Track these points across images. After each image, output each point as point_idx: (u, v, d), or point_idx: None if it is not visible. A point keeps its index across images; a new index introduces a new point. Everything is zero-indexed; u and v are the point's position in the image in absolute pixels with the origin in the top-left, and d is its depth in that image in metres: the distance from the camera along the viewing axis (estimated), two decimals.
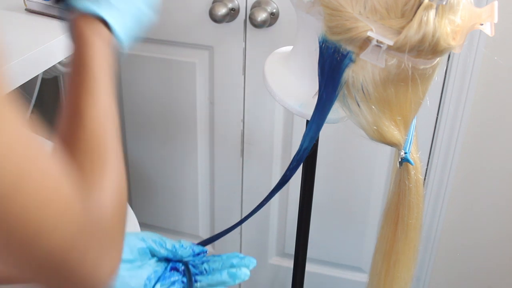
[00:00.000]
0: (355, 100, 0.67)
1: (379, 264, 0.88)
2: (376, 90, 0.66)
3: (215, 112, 1.42)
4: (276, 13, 1.26)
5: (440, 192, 1.39)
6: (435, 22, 0.61)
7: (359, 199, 1.44)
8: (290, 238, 1.52)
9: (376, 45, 0.62)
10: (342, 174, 1.42)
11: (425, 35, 0.61)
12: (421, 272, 1.50)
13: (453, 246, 1.46)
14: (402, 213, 0.79)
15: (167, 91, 1.44)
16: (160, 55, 1.40)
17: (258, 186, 1.49)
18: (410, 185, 0.77)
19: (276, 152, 1.43)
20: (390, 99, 0.67)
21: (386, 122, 0.69)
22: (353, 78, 0.66)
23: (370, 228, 1.45)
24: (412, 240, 0.82)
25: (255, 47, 1.31)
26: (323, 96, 0.70)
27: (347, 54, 0.65)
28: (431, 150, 1.35)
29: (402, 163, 0.75)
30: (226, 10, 1.24)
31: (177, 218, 1.63)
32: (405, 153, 0.74)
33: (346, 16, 0.63)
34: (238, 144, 1.45)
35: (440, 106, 1.29)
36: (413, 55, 0.63)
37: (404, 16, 0.61)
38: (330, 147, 1.35)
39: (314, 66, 0.70)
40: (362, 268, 1.53)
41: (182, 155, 1.52)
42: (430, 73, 0.67)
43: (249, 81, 1.36)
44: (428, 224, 1.43)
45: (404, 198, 0.78)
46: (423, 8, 0.60)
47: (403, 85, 0.66)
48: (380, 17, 0.62)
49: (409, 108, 0.69)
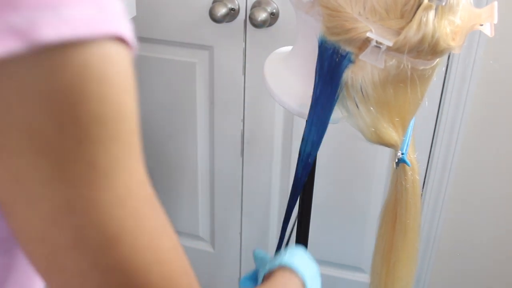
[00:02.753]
0: (354, 101, 0.67)
1: (379, 265, 0.88)
2: (375, 91, 0.66)
3: (215, 112, 1.42)
4: (276, 13, 1.26)
5: (440, 192, 1.39)
6: (434, 23, 0.61)
7: (359, 199, 1.44)
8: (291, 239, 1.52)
9: (375, 46, 0.62)
10: (342, 174, 1.42)
11: (425, 36, 0.61)
12: (421, 272, 1.50)
13: (453, 246, 1.46)
14: (399, 213, 0.79)
15: (167, 91, 1.44)
16: (160, 55, 1.40)
17: (258, 186, 1.49)
18: (407, 186, 0.77)
19: (276, 152, 1.43)
20: (389, 100, 0.67)
21: (384, 124, 0.69)
22: (352, 79, 0.66)
23: (370, 228, 1.45)
24: (411, 240, 0.82)
25: (255, 47, 1.31)
26: (320, 98, 0.69)
27: (346, 55, 0.65)
28: (431, 150, 1.35)
29: (399, 164, 0.75)
30: (226, 10, 1.24)
31: (176, 218, 1.63)
32: (402, 154, 0.73)
33: (345, 16, 0.63)
34: (238, 144, 1.45)
35: (440, 106, 1.29)
36: (412, 55, 0.63)
37: (403, 16, 0.61)
38: (330, 147, 1.35)
39: (314, 66, 0.70)
40: (362, 268, 1.53)
41: (182, 155, 1.52)
42: (430, 74, 0.67)
43: (249, 81, 1.36)
44: (428, 224, 1.43)
45: (401, 199, 0.78)
46: (423, 9, 0.60)
47: (402, 86, 0.66)
48: (379, 17, 0.62)
49: (408, 109, 0.69)
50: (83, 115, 0.31)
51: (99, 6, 0.31)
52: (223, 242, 1.63)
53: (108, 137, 0.33)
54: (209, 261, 1.66)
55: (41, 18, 0.29)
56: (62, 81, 0.30)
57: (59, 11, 0.29)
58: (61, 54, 0.30)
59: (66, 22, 0.29)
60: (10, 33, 0.28)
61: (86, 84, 0.31)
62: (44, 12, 0.29)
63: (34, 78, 0.30)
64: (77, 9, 0.30)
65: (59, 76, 0.30)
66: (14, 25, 0.28)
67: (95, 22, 0.31)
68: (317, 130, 0.72)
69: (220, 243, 1.63)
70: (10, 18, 0.28)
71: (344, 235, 1.50)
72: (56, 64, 0.30)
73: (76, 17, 0.30)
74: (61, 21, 0.29)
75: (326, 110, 0.70)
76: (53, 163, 0.32)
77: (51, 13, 0.29)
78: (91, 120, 0.32)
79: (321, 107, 0.70)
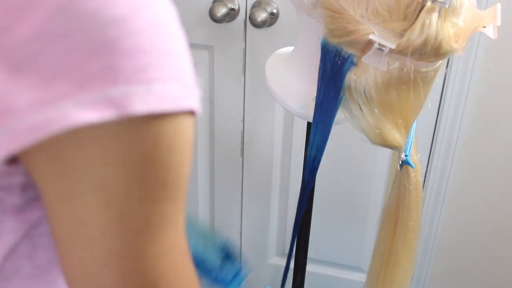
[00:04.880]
0: (357, 104, 0.67)
1: (377, 265, 0.88)
2: (378, 93, 0.66)
3: (215, 112, 1.42)
4: (276, 13, 1.25)
5: (440, 192, 1.39)
6: (437, 25, 0.61)
7: (359, 199, 1.44)
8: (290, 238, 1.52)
9: (378, 48, 0.62)
10: (342, 174, 1.42)
11: (428, 38, 0.61)
12: (421, 272, 1.50)
13: (453, 246, 1.46)
14: (401, 215, 0.79)
15: None
16: None
17: (258, 186, 1.49)
18: (410, 187, 0.76)
19: (276, 152, 1.43)
20: (392, 102, 0.67)
21: (387, 125, 0.68)
22: (355, 81, 0.65)
23: (370, 228, 1.45)
24: (411, 242, 0.82)
25: (255, 47, 1.30)
26: (323, 101, 0.69)
27: (349, 58, 0.65)
28: (431, 151, 1.35)
29: (403, 166, 0.75)
30: (226, 10, 1.24)
31: None
32: (406, 156, 0.73)
33: (347, 18, 0.62)
34: (238, 144, 1.44)
35: (440, 107, 1.29)
36: (415, 58, 0.63)
37: (406, 18, 0.61)
38: (330, 147, 1.35)
39: (315, 67, 0.70)
40: (362, 268, 1.53)
41: None
42: (432, 75, 0.67)
43: (249, 81, 1.35)
44: (428, 224, 1.43)
45: (403, 200, 0.78)
46: (426, 11, 0.60)
47: (405, 88, 0.66)
48: (382, 19, 0.61)
49: (411, 111, 0.69)
50: (150, 179, 0.35)
51: (181, 83, 0.35)
52: None
53: (167, 198, 0.37)
54: None
55: (135, 92, 0.32)
56: (139, 148, 0.34)
57: (150, 86, 0.33)
58: (144, 125, 0.34)
59: (155, 97, 0.33)
60: (107, 104, 0.32)
61: (158, 153, 0.35)
62: (138, 87, 0.33)
63: (117, 143, 0.34)
64: (165, 85, 0.34)
65: (138, 143, 0.34)
66: (112, 97, 0.32)
67: (177, 98, 0.35)
68: (321, 133, 0.72)
69: None
70: (110, 90, 0.32)
71: (344, 235, 1.50)
72: (139, 133, 0.34)
73: (163, 93, 0.34)
74: (151, 96, 0.33)
75: (329, 113, 0.70)
76: (115, 215, 0.35)
77: (144, 88, 0.33)
78: (156, 183, 0.36)
79: (324, 110, 0.70)
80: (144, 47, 0.33)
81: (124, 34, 0.32)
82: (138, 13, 0.33)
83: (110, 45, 0.32)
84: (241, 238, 1.59)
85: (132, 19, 0.32)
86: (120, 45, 0.32)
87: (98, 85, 0.32)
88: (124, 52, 0.32)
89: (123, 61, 0.32)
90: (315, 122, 0.71)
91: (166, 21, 0.35)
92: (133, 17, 0.32)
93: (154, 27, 0.33)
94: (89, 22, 0.31)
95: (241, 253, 1.62)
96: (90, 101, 0.31)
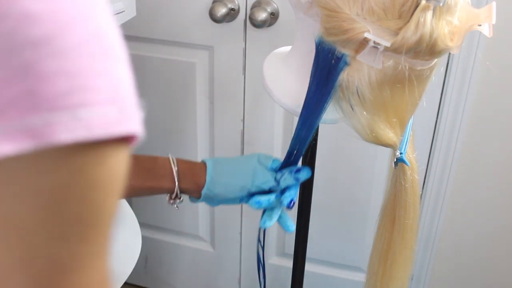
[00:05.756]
0: (349, 103, 0.67)
1: (376, 264, 0.88)
2: (371, 93, 0.66)
3: (215, 112, 1.42)
4: (276, 13, 1.26)
5: (440, 192, 1.39)
6: (432, 23, 0.61)
7: (359, 199, 1.44)
8: (290, 238, 1.52)
9: (373, 46, 0.62)
10: (342, 174, 1.42)
11: (423, 36, 0.61)
12: (421, 272, 1.50)
13: (453, 246, 1.46)
14: (398, 213, 0.79)
15: (167, 91, 1.44)
16: (160, 55, 1.40)
17: None
18: (406, 185, 0.76)
19: (276, 152, 1.43)
20: (386, 101, 0.67)
21: (381, 125, 0.68)
22: (347, 81, 0.66)
23: (370, 228, 1.45)
24: (409, 241, 0.82)
25: (255, 47, 1.31)
26: (312, 98, 0.69)
27: (342, 57, 0.65)
28: (431, 150, 1.35)
29: (397, 163, 0.75)
30: (226, 10, 1.24)
31: (177, 218, 1.63)
32: (401, 154, 0.73)
33: (343, 17, 0.63)
34: (238, 144, 1.45)
35: (440, 106, 1.29)
36: (410, 56, 0.63)
37: (401, 17, 0.61)
38: (329, 147, 1.35)
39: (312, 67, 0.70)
40: (362, 268, 1.53)
41: (182, 155, 1.52)
42: (428, 74, 0.67)
43: (249, 81, 1.36)
44: (428, 224, 1.43)
45: (400, 198, 0.78)
46: (421, 9, 0.60)
47: (400, 86, 0.66)
48: (377, 18, 0.62)
49: (405, 110, 0.69)
50: (62, 216, 0.32)
51: (118, 106, 0.31)
52: (223, 242, 1.63)
53: (82, 238, 0.33)
54: (209, 261, 1.66)
55: (59, 119, 0.29)
56: (54, 182, 0.30)
57: (77, 112, 0.29)
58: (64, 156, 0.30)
59: (82, 123, 0.29)
60: (23, 134, 0.28)
61: (75, 187, 0.31)
62: (62, 113, 0.29)
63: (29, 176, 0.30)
64: (94, 110, 0.30)
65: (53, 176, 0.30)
66: (30, 126, 0.28)
67: (110, 123, 0.30)
68: (307, 129, 0.72)
69: (220, 243, 1.63)
70: (29, 118, 0.28)
71: (344, 235, 1.50)
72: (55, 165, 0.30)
73: (92, 118, 0.30)
74: (77, 122, 0.29)
75: (317, 111, 0.70)
76: (23, 255, 0.32)
77: (69, 114, 0.29)
78: (69, 222, 0.32)
79: (313, 107, 0.70)
80: (69, 69, 0.29)
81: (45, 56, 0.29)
82: (63, 32, 0.29)
83: (28, 69, 0.28)
84: (241, 238, 1.59)
85: (55, 39, 0.29)
86: (40, 68, 0.28)
87: (15, 113, 0.28)
88: (45, 76, 0.29)
89: (45, 86, 0.29)
90: (302, 117, 0.72)
91: (100, 37, 0.31)
92: (56, 37, 0.29)
93: (83, 46, 0.30)
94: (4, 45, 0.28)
95: (241, 253, 1.62)
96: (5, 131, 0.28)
